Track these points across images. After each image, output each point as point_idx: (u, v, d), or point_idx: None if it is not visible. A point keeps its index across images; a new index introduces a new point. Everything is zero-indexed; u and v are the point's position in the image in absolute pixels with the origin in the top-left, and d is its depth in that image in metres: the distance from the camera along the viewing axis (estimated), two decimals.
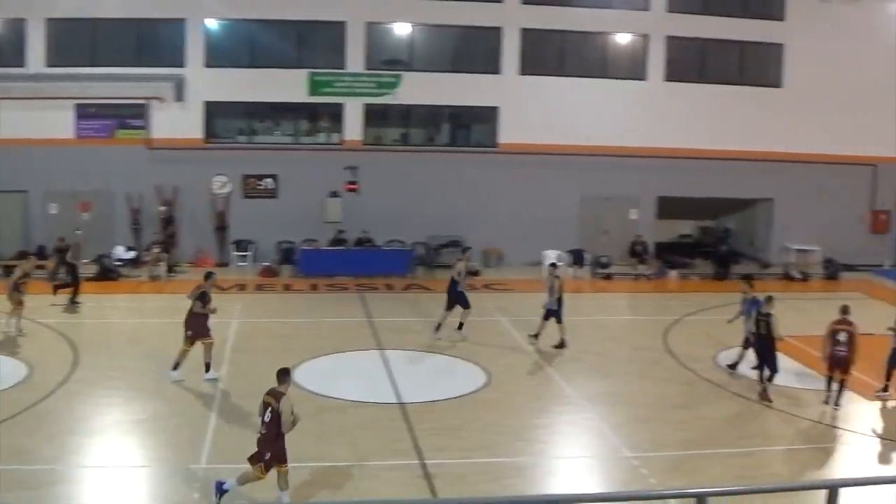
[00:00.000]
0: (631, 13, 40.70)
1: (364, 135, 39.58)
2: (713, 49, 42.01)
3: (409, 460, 18.91)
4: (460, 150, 40.47)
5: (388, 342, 27.78)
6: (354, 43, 38.74)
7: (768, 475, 19.19)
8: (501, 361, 26.38)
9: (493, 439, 20.44)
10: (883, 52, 42.13)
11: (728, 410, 23.57)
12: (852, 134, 42.28)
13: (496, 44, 39.90)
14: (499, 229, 39.68)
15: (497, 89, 39.98)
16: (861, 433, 22.42)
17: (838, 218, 43.13)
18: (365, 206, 38.82)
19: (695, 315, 33.69)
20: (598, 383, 25.28)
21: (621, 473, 19.11)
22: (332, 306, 32.73)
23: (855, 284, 38.49)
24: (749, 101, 41.86)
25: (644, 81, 41.19)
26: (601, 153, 40.21)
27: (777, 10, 42.05)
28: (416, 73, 39.19)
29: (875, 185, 43.99)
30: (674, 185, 41.42)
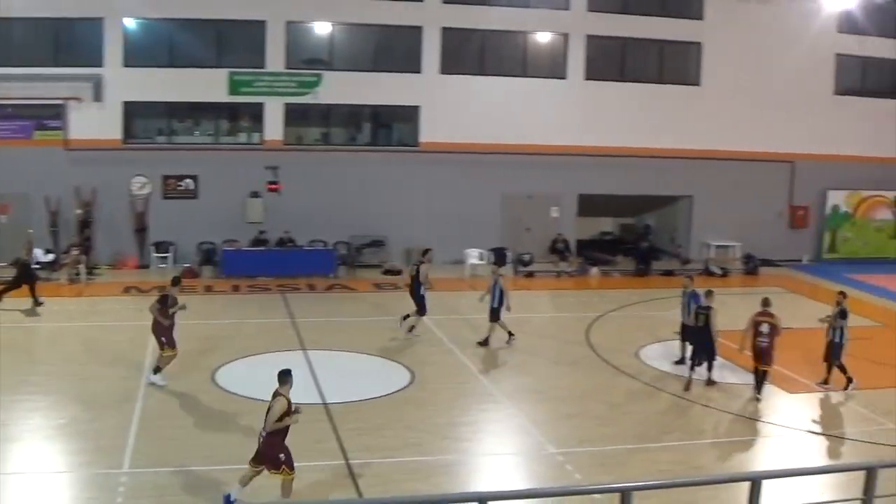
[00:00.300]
0: (551, 12, 40.93)
1: (285, 134, 39.40)
2: (633, 48, 42.42)
3: (334, 461, 18.90)
4: (382, 149, 40.46)
5: (311, 342, 27.71)
6: (275, 42, 38.56)
7: (692, 469, 19.39)
8: (425, 360, 26.44)
9: (418, 438, 20.48)
10: (799, 50, 42.75)
11: (651, 405, 23.81)
12: (770, 131, 43.02)
13: (417, 43, 39.92)
14: (421, 228, 39.70)
15: (418, 88, 40.02)
16: (783, 426, 22.77)
17: (757, 214, 43.81)
18: (286, 206, 38.64)
19: (616, 311, 34.00)
20: (521, 380, 25.42)
21: (546, 469, 19.24)
22: (254, 307, 32.55)
23: (774, 279, 39.05)
24: (668, 100, 42.34)
25: (564, 80, 41.45)
26: (522, 152, 40.41)
27: (695, 10, 42.57)
28: (336, 73, 39.10)
29: (793, 182, 44.67)
30: (595, 183, 41.73)
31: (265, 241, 38.40)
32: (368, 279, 37.50)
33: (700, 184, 43.24)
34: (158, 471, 17.48)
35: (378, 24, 39.62)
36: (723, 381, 25.69)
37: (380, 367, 25.94)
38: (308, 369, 25.08)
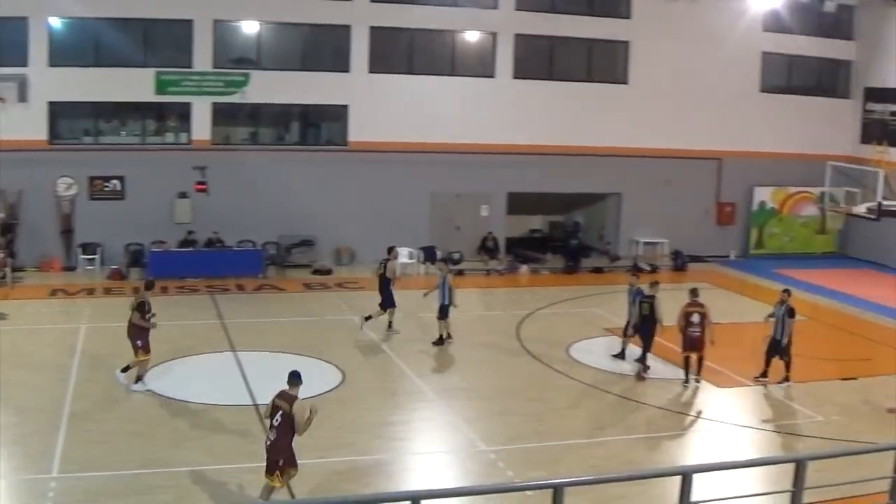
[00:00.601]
0: (479, 11, 40.95)
1: (213, 134, 39.03)
2: (561, 47, 42.55)
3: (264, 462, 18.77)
4: (310, 148, 40.23)
5: (240, 343, 27.53)
6: (202, 41, 38.18)
7: (624, 464, 19.56)
8: (355, 360, 26.42)
9: (350, 438, 20.46)
10: (726, 48, 43.16)
11: (582, 401, 23.99)
12: (698, 129, 43.41)
13: (345, 42, 39.73)
14: (350, 228, 39.58)
15: (346, 87, 39.85)
16: (713, 420, 23.04)
17: (685, 211, 44.19)
18: (215, 207, 38.33)
19: (546, 309, 34.15)
20: (452, 378, 25.49)
21: (478, 467, 19.32)
22: (183, 309, 32.19)
23: (702, 275, 39.37)
24: (597, 98, 42.55)
25: (493, 79, 41.48)
26: (451, 150, 40.40)
27: (623, 9, 42.80)
28: (264, 72, 38.82)
29: (720, 179, 45.10)
30: (524, 182, 41.81)
31: (193, 242, 38.07)
32: (298, 279, 37.33)
33: (628, 181, 43.50)
34: (88, 475, 17.31)
35: (306, 23, 39.40)
36: (654, 377, 25.94)
37: (310, 368, 25.73)
38: (238, 370, 24.95)
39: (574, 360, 27.40)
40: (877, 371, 27.66)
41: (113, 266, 37.00)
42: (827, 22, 45.36)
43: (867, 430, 22.53)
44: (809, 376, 26.01)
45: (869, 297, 37.12)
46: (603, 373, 26.29)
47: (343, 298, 34.22)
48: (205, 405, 22.19)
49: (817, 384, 25.59)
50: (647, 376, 25.86)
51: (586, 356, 27.81)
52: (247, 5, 38.55)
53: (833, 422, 23.24)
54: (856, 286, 39.02)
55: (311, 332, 29.21)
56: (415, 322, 30.59)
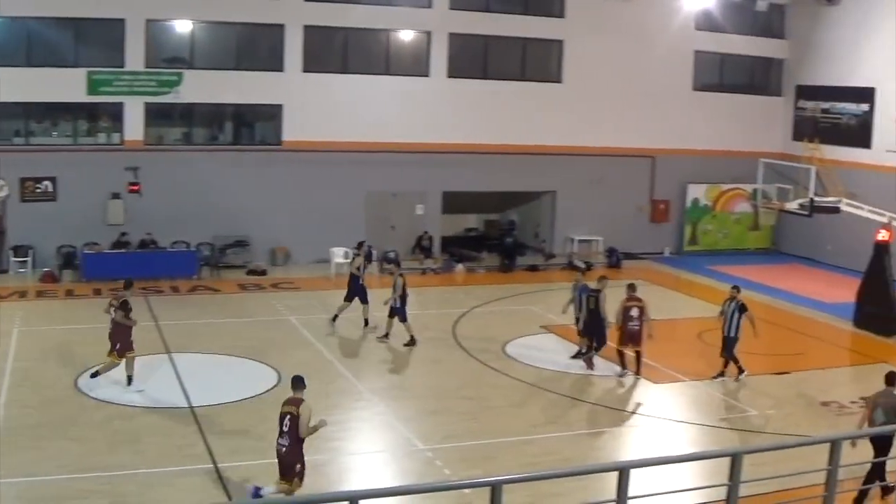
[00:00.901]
0: (414, 10, 40.90)
1: (145, 134, 38.63)
2: (495, 46, 42.59)
3: (202, 465, 18.67)
4: (244, 148, 39.97)
5: (175, 345, 27.27)
6: (134, 40, 37.74)
7: (561, 460, 19.63)
8: (291, 360, 26.18)
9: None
10: (659, 47, 43.48)
11: (518, 399, 24.05)
12: (632, 127, 43.67)
13: (279, 41, 39.52)
14: (285, 228, 39.40)
15: (280, 87, 39.62)
16: (649, 415, 23.18)
17: (619, 208, 44.45)
18: (148, 208, 37.93)
19: (482, 307, 34.19)
20: (388, 378, 25.47)
21: (416, 466, 19.33)
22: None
23: (636, 272, 39.56)
24: (531, 97, 42.64)
25: (427, 78, 41.46)
26: (386, 149, 40.32)
27: (557, 8, 42.95)
28: (198, 71, 38.48)
29: (654, 176, 45.40)
30: (459, 180, 41.83)
31: (127, 244, 37.67)
32: (233, 280, 37.08)
33: (563, 179, 43.66)
34: (22, 481, 17.07)
35: (240, 22, 39.09)
36: (588, 373, 26.10)
37: (246, 369, 25.69)
38: (173, 373, 24.75)
39: (510, 358, 27.47)
40: (810, 365, 28.01)
41: (45, 269, 36.54)
42: (759, 21, 45.89)
43: (802, 423, 22.84)
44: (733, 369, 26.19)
45: (802, 292, 37.53)
46: (539, 370, 26.37)
47: (278, 299, 34.03)
48: (140, 408, 22.00)
49: (752, 379, 25.81)
50: (591, 372, 26.11)
51: (522, 354, 27.88)
52: (180, 4, 38.19)
53: (768, 416, 23.53)
54: (789, 281, 39.44)
55: (247, 333, 29.03)
56: (352, 323, 30.48)
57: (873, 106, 42.21)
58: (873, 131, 42.28)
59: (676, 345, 29.66)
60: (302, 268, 38.93)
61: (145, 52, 37.78)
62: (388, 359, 27.29)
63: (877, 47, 41.77)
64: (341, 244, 38.87)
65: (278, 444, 16.64)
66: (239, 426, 21.00)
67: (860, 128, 42.92)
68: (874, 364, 28.48)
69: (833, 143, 42.94)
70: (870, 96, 42.32)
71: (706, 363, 26.97)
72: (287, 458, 16.48)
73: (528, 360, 27.28)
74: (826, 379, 26.62)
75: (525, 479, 12.64)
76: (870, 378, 24.84)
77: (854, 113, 43.24)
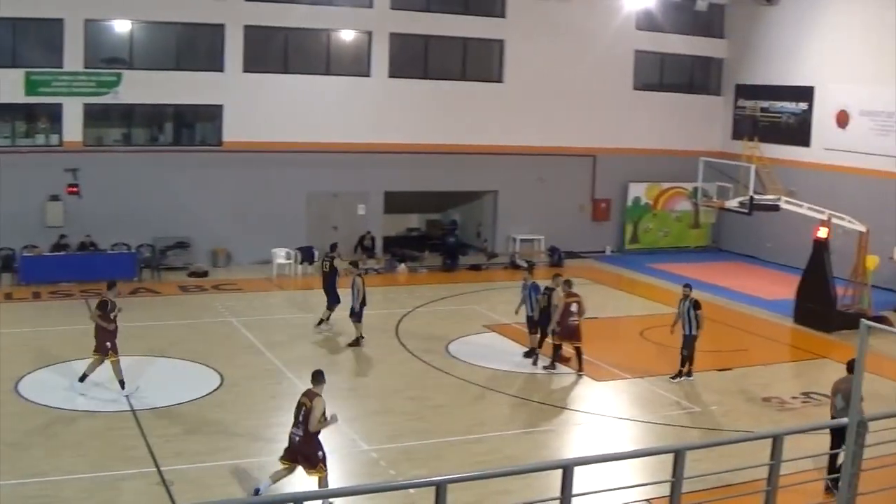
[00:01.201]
0: (354, 10, 40.80)
1: (84, 135, 38.25)
2: (436, 45, 42.64)
3: (145, 468, 18.52)
4: (184, 149, 39.65)
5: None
6: (73, 41, 37.35)
7: (505, 459, 19.67)
8: (233, 362, 26.12)
9: (230, 441, 20.26)
10: (599, 47, 43.75)
11: (461, 398, 24.07)
12: (573, 126, 43.93)
13: (219, 41, 39.29)
14: (226, 229, 39.18)
15: (221, 87, 39.37)
16: (592, 413, 23.30)
17: (561, 207, 44.69)
18: (87, 209, 37.54)
19: (425, 307, 34.20)
20: (331, 378, 24.98)
21: (360, 467, 19.31)
22: (56, 314, 31.47)
23: (578, 270, 39.68)
24: (472, 97, 42.77)
25: (369, 78, 41.39)
26: (327, 150, 40.22)
27: (498, 8, 43.08)
28: (137, 72, 38.14)
29: (595, 175, 45.62)
30: (401, 180, 41.83)
31: (66, 246, 37.29)
32: (174, 282, 36.79)
33: (504, 179, 43.78)
34: None
35: (180, 21, 38.80)
36: (532, 372, 26.19)
37: (188, 371, 25.51)
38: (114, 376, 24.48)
39: (454, 358, 27.49)
40: (751, 361, 28.25)
41: None
42: (699, 20, 46.29)
43: (744, 418, 23.03)
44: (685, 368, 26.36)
45: (742, 289, 37.87)
46: (483, 369, 26.41)
47: (220, 301, 33.81)
48: (81, 412, 21.77)
49: (695, 375, 25.95)
50: (537, 370, 26.29)
51: (466, 353, 27.91)
52: (119, 4, 37.82)
53: (710, 412, 23.72)
54: (729, 279, 39.76)
55: (188, 335, 28.84)
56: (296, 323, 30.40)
57: (812, 104, 42.75)
58: (812, 130, 42.82)
59: (619, 343, 29.84)
60: (243, 269, 38.73)
61: (84, 52, 37.41)
62: (333, 360, 27.18)
63: (815, 46, 42.30)
64: (283, 245, 38.80)
65: (292, 433, 17.11)
66: (182, 429, 20.87)
67: (799, 126, 43.44)
68: (814, 359, 28.90)
69: (772, 141, 43.37)
70: (808, 95, 42.84)
71: (649, 361, 27.17)
72: (301, 447, 16.94)
73: (471, 359, 27.31)
74: (767, 375, 26.86)
75: (469, 478, 12.62)
76: (810, 373, 25.17)
77: (793, 112, 43.73)
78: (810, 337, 31.47)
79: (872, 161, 39.53)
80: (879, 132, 39.62)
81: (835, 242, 33.22)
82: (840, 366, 27.05)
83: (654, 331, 30.90)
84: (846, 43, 40.77)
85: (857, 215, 34.25)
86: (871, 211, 35.93)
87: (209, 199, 39.02)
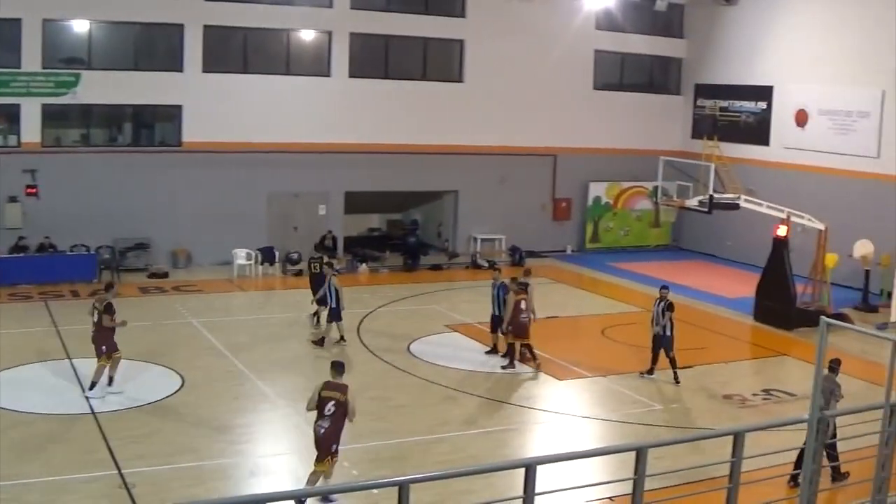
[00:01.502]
0: (314, 10, 40.69)
1: (43, 136, 37.96)
2: (396, 45, 42.63)
3: (106, 471, 18.40)
4: (144, 149, 39.40)
5: (76, 351, 26.73)
6: (31, 41, 37.02)
7: (468, 458, 19.69)
8: (195, 363, 26.00)
9: (192, 443, 20.17)
10: (560, 47, 43.90)
11: (424, 398, 24.08)
12: (533, 126, 44.02)
13: (178, 41, 39.10)
14: (186, 229, 38.98)
15: (180, 87, 39.15)
16: (554, 412, 23.36)
17: (522, 207, 44.80)
18: (46, 210, 37.25)
19: (386, 307, 34.17)
20: (294, 379, 25.28)
21: None
22: (15, 316, 31.11)
23: (540, 270, 39.57)
24: (433, 97, 42.79)
25: (329, 78, 41.32)
26: (288, 150, 40.12)
27: (458, 8, 43.14)
28: (96, 72, 37.88)
29: (555, 175, 45.74)
30: (361, 180, 41.78)
31: (25, 248, 37.01)
32: (133, 283, 36.57)
33: (465, 178, 43.83)
34: None
35: (138, 21, 38.56)
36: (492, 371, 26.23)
37: (149, 373, 25.37)
38: (74, 379, 24.34)
39: (416, 358, 27.50)
40: (712, 359, 28.40)
41: None
42: (658, 21, 46.51)
43: (705, 416, 23.18)
44: (646, 366, 26.48)
45: (702, 287, 38.03)
46: (445, 369, 26.42)
47: (180, 302, 33.66)
48: (41, 415, 21.59)
49: (656, 373, 26.06)
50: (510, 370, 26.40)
51: (428, 353, 27.93)
52: (77, 4, 37.55)
53: (672, 409, 23.85)
54: (689, 277, 39.89)
55: (149, 337, 28.62)
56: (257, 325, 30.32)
57: (771, 104, 43.05)
58: (771, 129, 43.12)
59: (580, 341, 29.94)
60: (204, 270, 38.56)
61: (42, 52, 37.10)
62: (295, 360, 27.12)
63: (774, 46, 42.62)
64: (243, 246, 38.68)
65: (317, 426, 17.24)
66: (143, 431, 20.75)
67: (758, 125, 43.76)
68: (774, 357, 29.12)
69: (732, 140, 43.64)
70: (767, 94, 43.14)
71: (610, 359, 27.27)
72: (326, 440, 17.18)
73: (433, 359, 27.32)
74: (728, 372, 27.01)
75: (431, 477, 12.63)
76: (770, 371, 25.33)
77: (752, 111, 44.03)
78: (770, 334, 31.67)
79: (831, 160, 39.87)
80: (838, 131, 39.94)
81: (794, 240, 33.45)
82: (800, 363, 27.55)
83: (615, 329, 31.04)
84: (805, 42, 41.09)
85: (817, 213, 34.56)
86: (830, 209, 36.21)
87: (169, 200, 38.81)
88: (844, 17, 39.39)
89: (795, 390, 25.20)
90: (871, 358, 26.66)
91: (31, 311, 31.88)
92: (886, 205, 37.19)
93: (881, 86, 38.21)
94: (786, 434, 17.88)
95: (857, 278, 36.37)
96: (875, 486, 13.77)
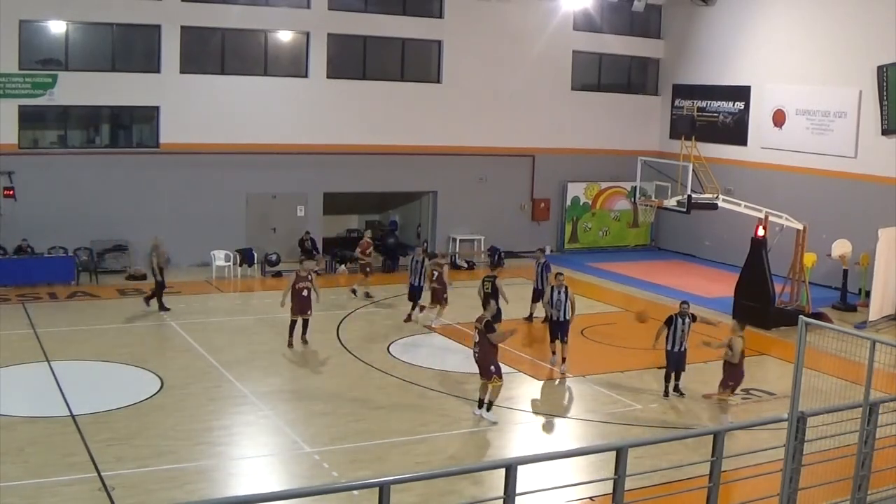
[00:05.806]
0: (292, 11, 40.61)
1: (20, 138, 37.79)
2: (374, 46, 42.61)
3: (85, 474, 18.32)
4: (121, 151, 39.26)
5: (54, 353, 26.67)
6: (7, 41, 36.81)
7: (449, 459, 19.71)
8: (173, 365, 25.92)
9: (171, 445, 20.09)
10: (537, 47, 44.02)
11: (404, 399, 24.04)
12: (511, 126, 44.12)
13: (155, 42, 38.97)
14: (164, 231, 38.59)
15: (157, 88, 39.01)
16: (535, 412, 23.38)
17: (500, 207, 44.84)
18: (23, 213, 37.04)
19: (365, 308, 34.12)
20: (273, 381, 25.24)
21: (303, 469, 19.23)
22: None
23: (518, 271, 39.67)
24: (411, 97, 42.78)
25: (307, 79, 41.25)
26: (265, 151, 40.06)
27: (436, 9, 43.15)
28: (73, 73, 37.72)
29: (534, 175, 45.79)
30: (340, 181, 41.75)
31: (2, 250, 36.87)
32: (112, 285, 36.45)
33: (444, 179, 43.85)
34: None
35: (115, 22, 38.42)
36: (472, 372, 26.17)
37: (127, 375, 25.29)
38: (53, 381, 24.23)
39: (395, 358, 27.48)
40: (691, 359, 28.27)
41: None
42: (636, 21, 46.66)
43: (685, 416, 23.22)
44: (626, 366, 26.57)
45: (681, 287, 38.05)
46: (424, 369, 26.42)
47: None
48: (20, 418, 21.49)
49: (633, 373, 26.19)
50: None
51: (407, 354, 27.93)
52: (54, 5, 37.37)
53: (651, 409, 23.85)
54: (668, 277, 40.03)
55: (128, 339, 28.57)
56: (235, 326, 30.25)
57: (748, 104, 43.24)
58: (749, 129, 43.31)
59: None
60: (182, 271, 38.38)
61: (18, 53, 36.91)
62: (274, 362, 27.05)
63: (751, 46, 42.80)
64: (222, 247, 38.58)
65: (473, 350, 22.45)
66: (122, 433, 20.66)
67: (736, 125, 43.93)
68: (753, 356, 29.04)
69: (710, 140, 43.65)
70: (745, 95, 43.32)
71: (590, 359, 27.29)
72: (482, 360, 21.83)
73: (413, 359, 27.33)
74: (707, 372, 26.99)
75: (412, 478, 12.65)
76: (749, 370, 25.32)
77: (730, 111, 44.19)
78: (749, 334, 31.35)
79: (809, 160, 40.07)
80: (815, 131, 40.11)
81: (772, 240, 33.54)
82: (779, 362, 27.67)
83: (594, 329, 31.06)
84: (782, 43, 41.27)
85: (795, 213, 34.65)
86: (808, 209, 36.39)
87: (147, 202, 38.68)
88: (821, 17, 39.57)
89: (774, 389, 25.31)
90: (849, 357, 26.69)
91: (9, 313, 31.69)
92: (864, 204, 37.35)
93: (858, 86, 38.41)
94: (765, 433, 17.95)
95: (835, 278, 36.54)
96: (855, 483, 13.83)
